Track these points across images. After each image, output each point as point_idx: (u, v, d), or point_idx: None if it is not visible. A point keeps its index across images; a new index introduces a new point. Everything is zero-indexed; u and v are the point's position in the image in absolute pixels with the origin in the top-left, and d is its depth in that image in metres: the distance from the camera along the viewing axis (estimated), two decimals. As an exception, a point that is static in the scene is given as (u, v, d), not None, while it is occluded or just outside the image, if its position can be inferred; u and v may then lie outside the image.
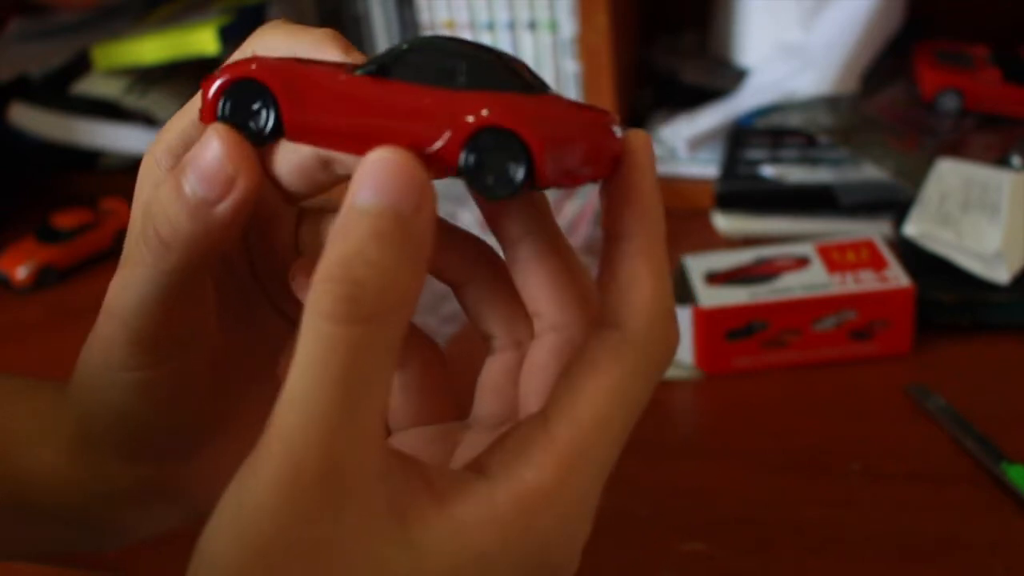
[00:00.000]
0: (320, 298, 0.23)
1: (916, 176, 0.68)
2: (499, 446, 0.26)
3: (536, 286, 0.30)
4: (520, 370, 0.31)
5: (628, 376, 0.26)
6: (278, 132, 0.27)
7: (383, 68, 0.27)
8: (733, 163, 0.76)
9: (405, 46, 0.27)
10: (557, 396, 0.26)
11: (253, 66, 0.27)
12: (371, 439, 0.24)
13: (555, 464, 0.25)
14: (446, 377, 0.33)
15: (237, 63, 0.28)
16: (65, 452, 0.35)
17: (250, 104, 0.27)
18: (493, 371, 0.31)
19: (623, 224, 0.27)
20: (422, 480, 0.25)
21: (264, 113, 0.27)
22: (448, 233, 0.31)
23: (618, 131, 0.28)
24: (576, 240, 0.75)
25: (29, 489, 0.35)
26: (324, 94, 0.27)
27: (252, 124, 0.27)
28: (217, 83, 0.27)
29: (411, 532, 0.24)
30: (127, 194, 1.00)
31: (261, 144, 0.28)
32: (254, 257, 0.34)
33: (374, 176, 0.24)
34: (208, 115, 0.28)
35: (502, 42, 0.85)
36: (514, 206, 0.30)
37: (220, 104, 0.27)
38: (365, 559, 0.23)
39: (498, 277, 0.31)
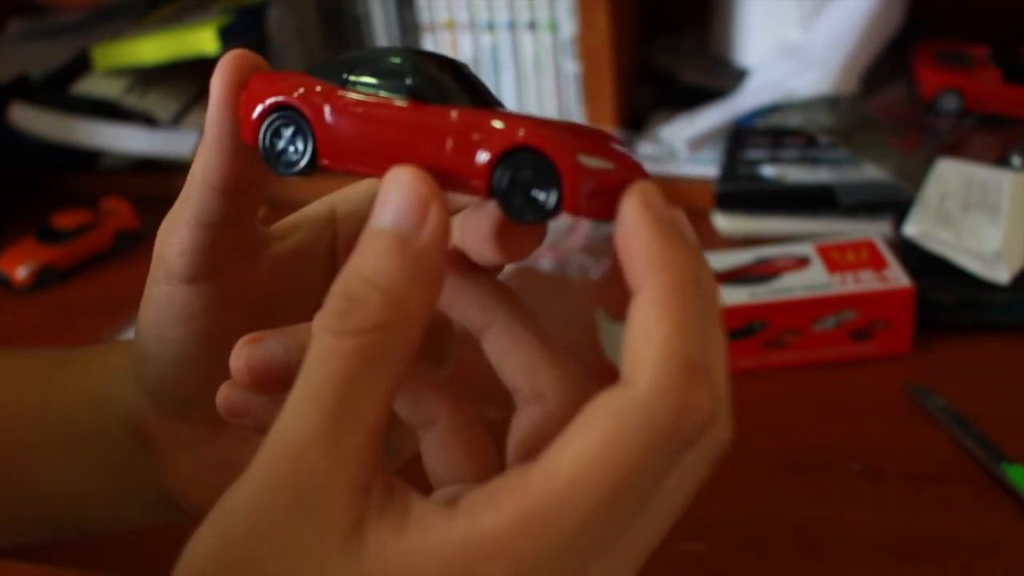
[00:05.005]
0: (323, 310, 0.24)
1: (916, 176, 0.68)
2: (481, 486, 0.25)
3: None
4: (544, 426, 0.29)
5: (623, 437, 0.23)
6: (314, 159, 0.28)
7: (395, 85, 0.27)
8: (733, 163, 0.76)
9: (397, 59, 0.27)
10: (550, 448, 0.24)
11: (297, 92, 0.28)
12: (350, 454, 0.24)
13: (516, 512, 0.23)
14: (484, 433, 0.31)
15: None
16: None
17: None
18: (519, 428, 0.30)
19: (630, 276, 0.25)
20: (399, 506, 0.24)
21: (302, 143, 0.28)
22: (465, 273, 0.30)
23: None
24: (576, 241, 0.75)
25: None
26: (351, 118, 0.27)
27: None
28: None
29: (365, 554, 0.23)
30: (127, 194, 1.00)
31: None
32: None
33: (383, 194, 0.25)
34: None
35: (502, 42, 0.85)
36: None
37: None
38: (316, 573, 0.23)
39: (517, 321, 0.29)
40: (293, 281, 0.34)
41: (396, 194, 0.25)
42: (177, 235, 0.32)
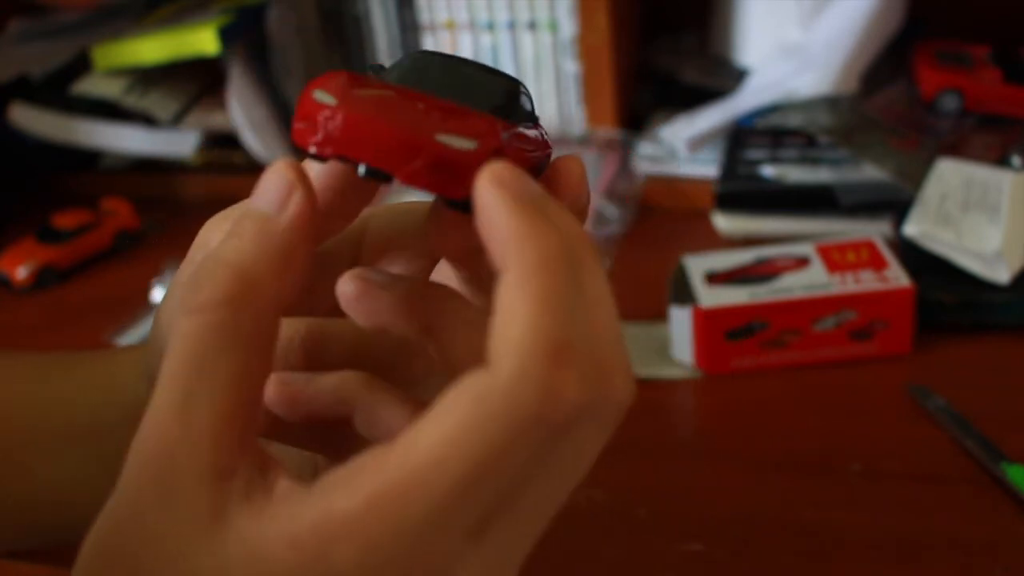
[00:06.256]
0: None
1: (916, 176, 0.68)
2: (341, 466, 0.23)
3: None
4: None
5: (483, 422, 0.22)
6: None
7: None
8: (733, 163, 0.76)
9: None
10: (408, 430, 0.23)
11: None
12: (204, 434, 0.23)
13: (368, 493, 0.22)
14: None
15: None
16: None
17: None
18: None
19: (494, 257, 0.23)
20: (263, 485, 0.24)
21: None
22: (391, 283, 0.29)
23: (465, 145, 0.25)
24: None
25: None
26: None
27: None
28: None
29: (228, 541, 0.23)
30: (127, 194, 1.00)
31: None
32: None
33: (260, 183, 0.26)
34: None
35: (502, 42, 0.85)
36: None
37: None
38: (178, 561, 0.22)
39: (462, 317, 0.28)
40: (310, 290, 0.34)
41: (267, 180, 0.26)
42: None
